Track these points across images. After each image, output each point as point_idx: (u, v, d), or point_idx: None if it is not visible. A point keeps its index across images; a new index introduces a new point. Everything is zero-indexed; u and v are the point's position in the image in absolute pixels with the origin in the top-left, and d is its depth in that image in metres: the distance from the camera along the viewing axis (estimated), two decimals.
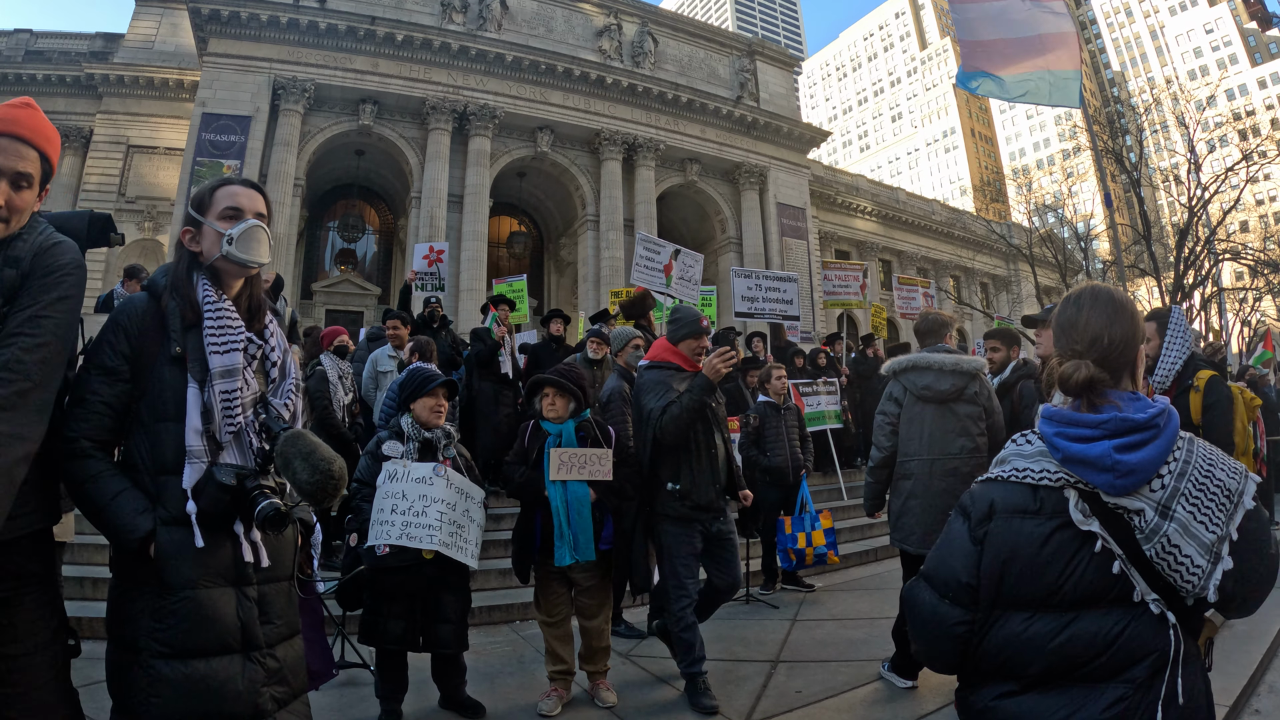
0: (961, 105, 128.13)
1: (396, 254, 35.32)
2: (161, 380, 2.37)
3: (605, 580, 5.00)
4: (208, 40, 28.38)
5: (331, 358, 8.45)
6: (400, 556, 4.30)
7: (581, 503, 4.72)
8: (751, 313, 13.62)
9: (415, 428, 4.64)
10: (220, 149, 27.03)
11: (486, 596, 7.35)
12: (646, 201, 34.98)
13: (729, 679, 5.38)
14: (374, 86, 30.28)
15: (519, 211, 38.72)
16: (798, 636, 6.57)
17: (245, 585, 2.37)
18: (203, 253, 2.51)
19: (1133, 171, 37.73)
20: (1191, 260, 34.86)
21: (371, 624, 4.51)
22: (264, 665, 2.36)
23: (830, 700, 4.92)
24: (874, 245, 48.72)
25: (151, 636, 2.20)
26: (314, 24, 29.01)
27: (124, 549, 2.26)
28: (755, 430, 8.56)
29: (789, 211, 38.98)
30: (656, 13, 38.10)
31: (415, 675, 4.76)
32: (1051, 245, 41.42)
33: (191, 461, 2.33)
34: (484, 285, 27.96)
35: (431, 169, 30.68)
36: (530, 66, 32.75)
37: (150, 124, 31.26)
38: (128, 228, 29.84)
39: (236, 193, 2.55)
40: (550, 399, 4.98)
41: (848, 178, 51.09)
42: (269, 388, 2.59)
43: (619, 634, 6.35)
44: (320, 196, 34.44)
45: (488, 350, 9.71)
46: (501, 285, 15.64)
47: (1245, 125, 45.22)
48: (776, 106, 39.89)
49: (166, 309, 2.42)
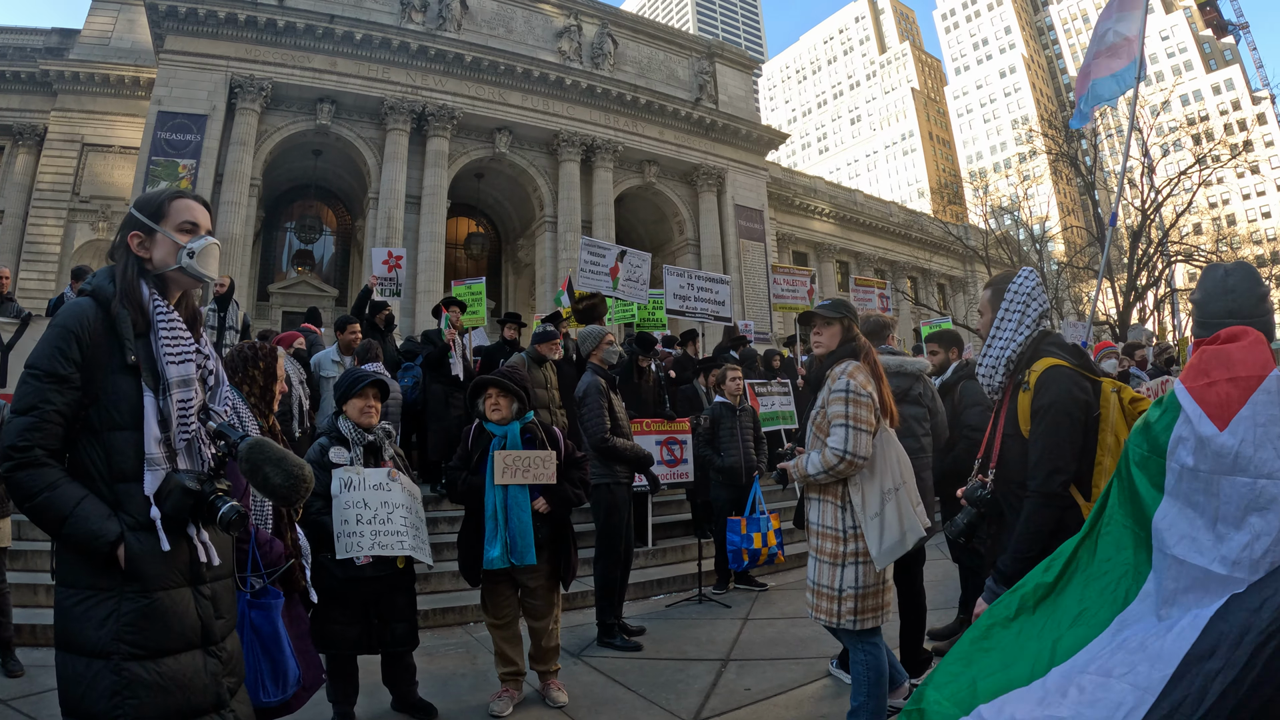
0: (920, 109, 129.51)
1: (354, 255, 35.09)
2: (115, 388, 2.37)
3: (551, 582, 5.01)
4: (165, 37, 28.03)
5: (292, 361, 8.37)
6: (378, 566, 4.36)
7: (520, 506, 4.73)
8: (683, 311, 13.68)
9: (356, 431, 4.63)
10: (176, 148, 26.71)
11: (440, 599, 7.35)
12: (604, 203, 35.07)
13: (679, 678, 5.44)
14: (332, 86, 30.09)
15: (477, 213, 38.68)
16: (749, 635, 6.63)
17: (200, 584, 2.45)
18: (152, 260, 2.52)
19: (1087, 175, 38.38)
20: (1145, 262, 35.47)
21: (326, 630, 4.47)
22: (219, 657, 2.46)
23: (779, 697, 4.99)
24: (831, 247, 49.12)
25: (122, 639, 2.23)
26: (272, 22, 28.74)
27: (93, 555, 2.26)
28: (709, 431, 8.61)
29: (747, 213, 39.26)
30: (616, 14, 38.16)
31: (366, 679, 4.75)
32: (1007, 247, 42.09)
33: (152, 469, 2.35)
34: (442, 287, 27.84)
35: (389, 170, 30.54)
36: (489, 67, 32.70)
37: (106, 122, 30.81)
38: (81, 228, 29.48)
39: (193, 207, 2.57)
40: (494, 400, 4.97)
41: (806, 180, 51.43)
42: (207, 395, 2.61)
43: (614, 646, 6.27)
44: (277, 197, 34.15)
45: (437, 352, 9.70)
46: (460, 287, 15.53)
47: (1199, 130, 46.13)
48: (735, 109, 40.12)
49: (117, 316, 2.41)
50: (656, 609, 7.74)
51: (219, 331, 11.28)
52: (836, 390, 3.93)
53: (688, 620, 7.19)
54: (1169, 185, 36.27)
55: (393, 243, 27.95)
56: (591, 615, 6.76)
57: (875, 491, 3.86)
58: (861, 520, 3.85)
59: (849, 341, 4.14)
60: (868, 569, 3.86)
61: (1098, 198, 38.75)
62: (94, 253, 27.59)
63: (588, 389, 6.54)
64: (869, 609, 3.89)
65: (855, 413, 3.84)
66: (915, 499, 3.99)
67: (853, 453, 3.78)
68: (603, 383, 6.56)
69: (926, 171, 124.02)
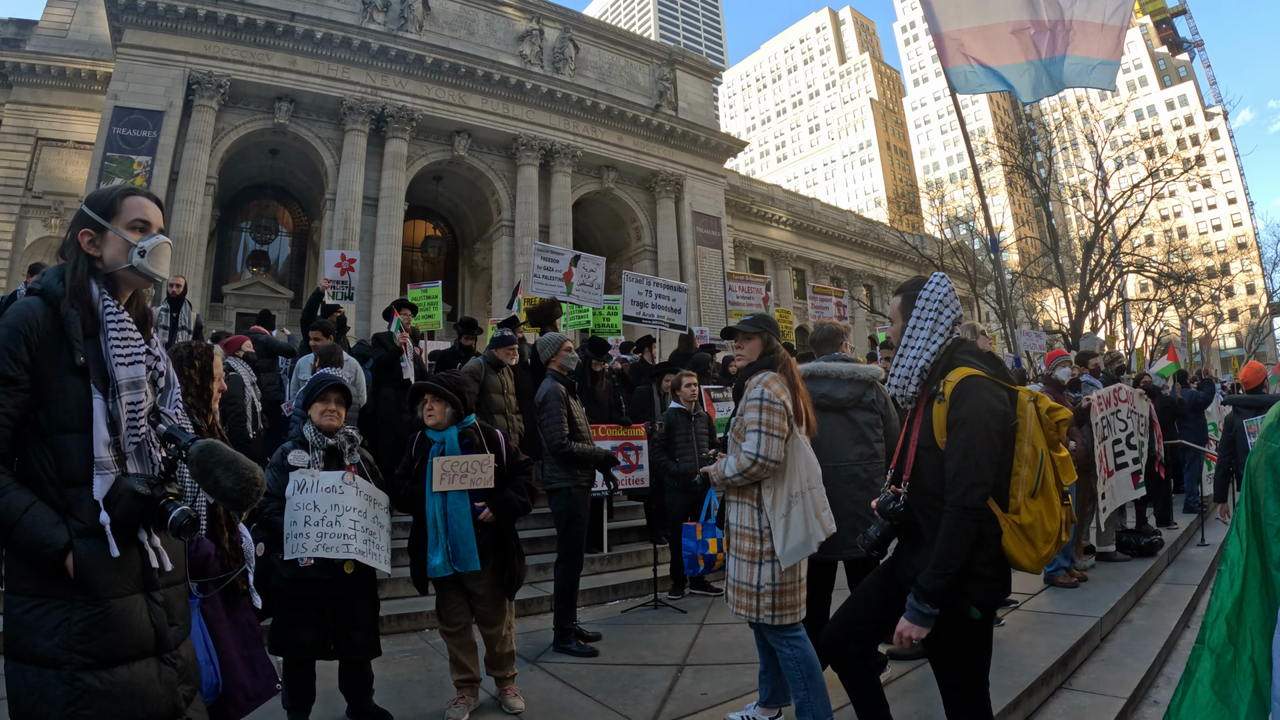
0: (878, 119, 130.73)
1: (310, 256, 34.79)
2: (64, 390, 2.32)
3: (499, 590, 4.95)
4: (123, 31, 27.58)
5: (243, 364, 8.30)
6: (323, 569, 4.31)
7: (460, 512, 4.70)
8: (639, 317, 13.73)
9: (318, 435, 4.60)
10: (131, 144, 26.27)
11: (396, 605, 7.29)
12: (562, 208, 35.11)
13: (636, 683, 5.45)
14: (291, 84, 29.80)
15: (434, 216, 38.51)
16: (705, 640, 6.64)
17: (153, 590, 2.39)
18: (103, 259, 2.47)
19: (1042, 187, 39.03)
20: (1097, 272, 36.15)
21: (282, 634, 4.43)
22: (174, 665, 2.41)
23: (736, 701, 4.98)
24: (788, 254, 49.47)
25: (74, 649, 2.18)
26: (232, 18, 28.41)
27: (42, 563, 2.21)
28: (664, 436, 8.64)
29: (704, 220, 39.48)
30: (579, 19, 38.18)
31: (322, 686, 4.70)
32: (962, 256, 42.58)
33: (101, 472, 2.30)
34: (398, 290, 27.54)
35: (347, 170, 30.33)
36: (450, 69, 32.60)
37: (61, 116, 30.33)
38: (34, 224, 28.98)
39: (145, 204, 2.52)
40: (429, 405, 4.95)
41: (764, 187, 51.79)
42: (158, 397, 2.57)
43: (570, 652, 6.25)
44: (233, 196, 33.74)
45: (389, 356, 9.63)
46: (416, 291, 15.48)
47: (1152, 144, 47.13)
48: (695, 116, 40.31)
49: (65, 316, 2.36)
50: (612, 614, 7.74)
51: (171, 332, 11.11)
52: (752, 398, 4.13)
53: (644, 626, 7.19)
54: (1122, 198, 37.03)
55: (349, 245, 27.84)
56: (547, 621, 6.75)
57: (784, 494, 4.05)
58: (771, 520, 4.04)
59: (769, 354, 4.34)
60: (782, 566, 4.04)
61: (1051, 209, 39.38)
62: (46, 249, 27.15)
63: (548, 395, 6.54)
64: (787, 605, 4.07)
65: (768, 419, 4.03)
66: (823, 504, 4.16)
67: (764, 456, 3.98)
68: (562, 389, 6.58)
69: (884, 181, 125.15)
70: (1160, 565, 9.10)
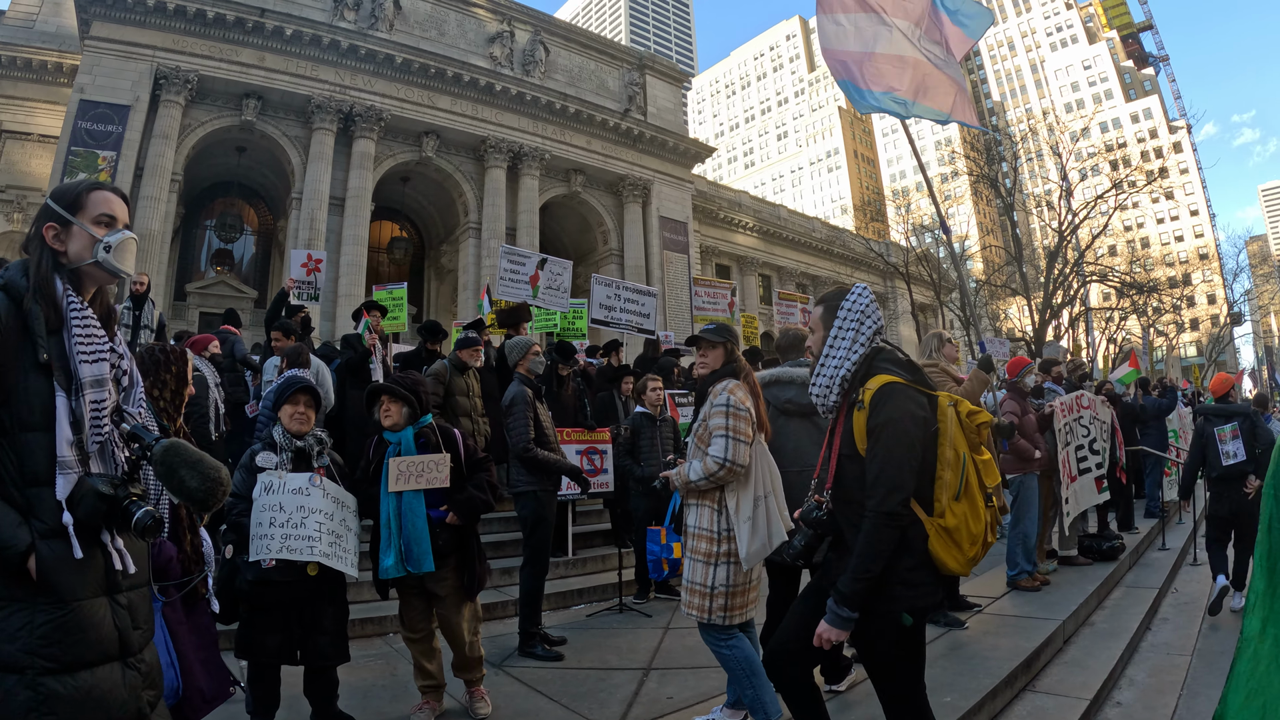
0: (846, 127, 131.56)
1: (275, 256, 34.44)
2: (27, 388, 2.27)
3: (460, 593, 4.92)
4: (91, 23, 27.20)
5: (208, 364, 8.21)
6: (285, 570, 4.25)
7: (415, 512, 4.68)
8: (608, 321, 13.70)
9: (286, 437, 4.57)
10: (97, 139, 25.91)
11: (361, 609, 7.23)
12: (530, 211, 35.09)
13: (602, 687, 5.46)
14: (259, 81, 29.55)
15: (401, 217, 38.34)
16: (670, 644, 6.66)
17: (117, 593, 2.34)
18: (68, 254, 2.42)
19: (1007, 196, 39.50)
20: (1061, 281, 36.67)
21: (248, 637, 4.39)
22: (138, 669, 2.36)
23: (701, 704, 5.01)
24: (754, 260, 49.69)
25: (36, 654, 2.13)
26: (202, 12, 28.12)
27: (4, 565, 2.16)
28: (629, 440, 8.66)
29: (671, 225, 39.61)
30: (550, 22, 38.19)
31: (286, 691, 4.66)
32: (927, 264, 42.98)
33: (64, 472, 2.26)
34: (363, 291, 27.45)
35: (314, 170, 30.12)
36: (420, 69, 32.48)
37: (25, 109, 29.82)
38: None
39: (112, 199, 2.48)
40: (385, 406, 4.95)
41: (731, 193, 52.00)
42: (121, 396, 2.53)
43: (535, 656, 6.23)
44: (198, 194, 33.38)
45: (358, 357, 9.53)
46: (381, 292, 15.40)
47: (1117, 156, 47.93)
48: (664, 121, 40.45)
49: (30, 312, 2.31)
50: (577, 619, 7.74)
51: (134, 330, 10.99)
52: (718, 405, 4.22)
53: (609, 630, 7.20)
54: (1086, 208, 37.56)
55: (315, 244, 27.63)
56: (512, 625, 6.74)
57: (749, 497, 4.14)
58: (735, 523, 4.13)
59: (730, 363, 4.45)
60: (738, 568, 4.16)
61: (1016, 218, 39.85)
62: (8, 244, 26.63)
63: (514, 399, 6.53)
64: (737, 606, 4.20)
65: (735, 425, 4.13)
66: (782, 506, 4.25)
67: (732, 460, 4.08)
68: (529, 393, 6.57)
69: (850, 189, 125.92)
70: (1122, 569, 9.23)
